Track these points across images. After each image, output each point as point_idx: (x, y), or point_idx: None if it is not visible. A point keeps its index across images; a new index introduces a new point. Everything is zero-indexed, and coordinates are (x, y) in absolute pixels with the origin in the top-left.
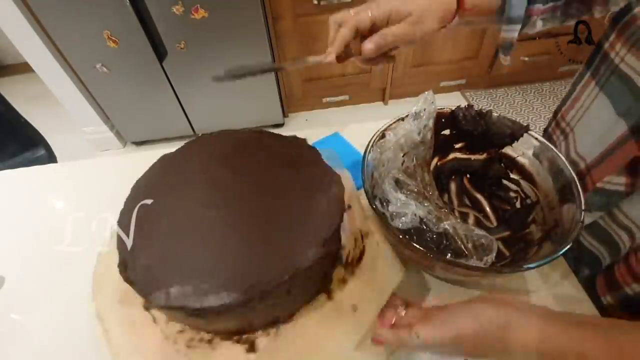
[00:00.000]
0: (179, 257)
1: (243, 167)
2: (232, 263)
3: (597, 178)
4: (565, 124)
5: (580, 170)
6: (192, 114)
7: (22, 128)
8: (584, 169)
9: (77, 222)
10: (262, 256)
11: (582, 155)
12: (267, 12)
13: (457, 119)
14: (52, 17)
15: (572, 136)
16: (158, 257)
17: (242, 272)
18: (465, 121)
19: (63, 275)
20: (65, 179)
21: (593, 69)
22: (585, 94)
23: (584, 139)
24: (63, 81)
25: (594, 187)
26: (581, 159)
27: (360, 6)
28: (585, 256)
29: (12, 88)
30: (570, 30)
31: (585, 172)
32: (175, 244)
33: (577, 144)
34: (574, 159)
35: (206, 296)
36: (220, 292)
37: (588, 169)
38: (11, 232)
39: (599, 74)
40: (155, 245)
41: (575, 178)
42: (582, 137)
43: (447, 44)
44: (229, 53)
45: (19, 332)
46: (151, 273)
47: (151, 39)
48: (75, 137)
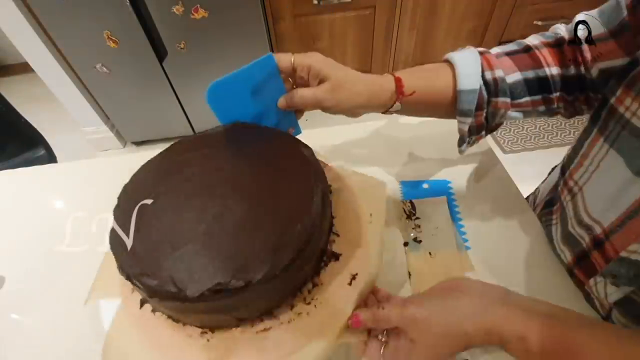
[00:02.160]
0: (178, 251)
1: (226, 162)
2: (226, 250)
3: (619, 246)
4: (574, 183)
5: (596, 235)
6: (192, 114)
7: (22, 128)
8: (601, 235)
9: (77, 222)
10: (253, 241)
11: (595, 219)
12: (267, 12)
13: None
14: (52, 17)
15: (580, 196)
16: (156, 258)
17: (236, 256)
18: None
19: (63, 275)
20: (65, 179)
21: (600, 124)
22: (594, 151)
23: (595, 200)
24: (63, 81)
25: (618, 256)
26: (596, 223)
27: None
28: None
29: (12, 88)
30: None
31: (604, 238)
32: (166, 240)
33: (588, 205)
34: (587, 223)
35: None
36: (216, 276)
37: (606, 235)
38: (11, 232)
39: (607, 130)
40: (147, 241)
41: None
42: (592, 198)
43: (447, 43)
44: (229, 53)
45: (19, 332)
46: (147, 262)
47: (151, 39)
48: (75, 137)
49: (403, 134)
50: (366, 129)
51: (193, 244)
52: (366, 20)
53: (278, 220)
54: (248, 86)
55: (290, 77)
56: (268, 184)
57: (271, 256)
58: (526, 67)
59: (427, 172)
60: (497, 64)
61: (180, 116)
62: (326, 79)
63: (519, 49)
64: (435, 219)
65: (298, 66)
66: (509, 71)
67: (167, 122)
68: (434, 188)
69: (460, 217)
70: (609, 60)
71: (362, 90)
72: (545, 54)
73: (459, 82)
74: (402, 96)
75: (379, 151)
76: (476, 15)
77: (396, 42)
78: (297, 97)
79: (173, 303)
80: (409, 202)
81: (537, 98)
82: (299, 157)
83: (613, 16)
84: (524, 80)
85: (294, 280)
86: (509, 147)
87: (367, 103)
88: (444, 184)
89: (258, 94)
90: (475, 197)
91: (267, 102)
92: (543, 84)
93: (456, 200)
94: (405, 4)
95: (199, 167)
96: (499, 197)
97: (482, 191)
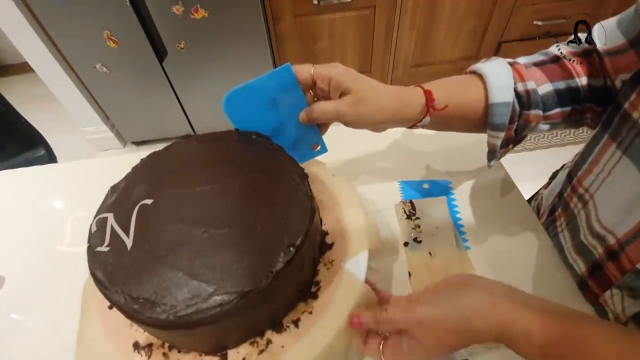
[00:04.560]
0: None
1: (218, 170)
2: (221, 264)
3: (635, 258)
4: (584, 190)
5: (610, 246)
6: (192, 114)
7: (22, 128)
8: (615, 246)
9: (77, 222)
10: (250, 254)
11: (608, 228)
12: (267, 12)
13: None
14: (52, 17)
15: (592, 204)
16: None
17: (233, 272)
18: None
19: (63, 275)
20: (65, 179)
21: (612, 130)
22: (605, 158)
23: (607, 208)
24: (63, 81)
25: (634, 268)
26: (609, 233)
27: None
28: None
29: (12, 88)
30: (571, 30)
31: (618, 249)
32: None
33: (600, 214)
34: (599, 233)
35: (210, 299)
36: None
37: (621, 245)
38: (11, 232)
39: (620, 136)
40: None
41: None
42: (605, 206)
43: (447, 43)
44: (229, 53)
45: (19, 332)
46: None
47: (151, 39)
48: (75, 137)
49: (403, 134)
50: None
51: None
52: (366, 20)
53: (269, 233)
54: (265, 97)
55: (311, 89)
56: (260, 196)
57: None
58: (557, 78)
59: (427, 172)
60: (528, 75)
61: (180, 116)
62: (348, 92)
63: (547, 59)
64: (435, 219)
65: (318, 78)
66: (540, 82)
67: (167, 122)
68: (434, 188)
69: (460, 217)
70: (628, 73)
71: (388, 104)
72: (574, 64)
73: (491, 95)
74: (433, 111)
75: (378, 151)
76: (476, 15)
77: (396, 42)
78: (318, 110)
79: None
80: (409, 202)
81: (567, 109)
82: (291, 169)
83: (631, 25)
84: (554, 91)
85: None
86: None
87: (392, 118)
88: (444, 184)
89: (277, 105)
90: (475, 197)
91: (286, 114)
92: (574, 95)
93: (456, 200)
94: (405, 4)
95: (189, 175)
96: (499, 197)
97: (482, 191)
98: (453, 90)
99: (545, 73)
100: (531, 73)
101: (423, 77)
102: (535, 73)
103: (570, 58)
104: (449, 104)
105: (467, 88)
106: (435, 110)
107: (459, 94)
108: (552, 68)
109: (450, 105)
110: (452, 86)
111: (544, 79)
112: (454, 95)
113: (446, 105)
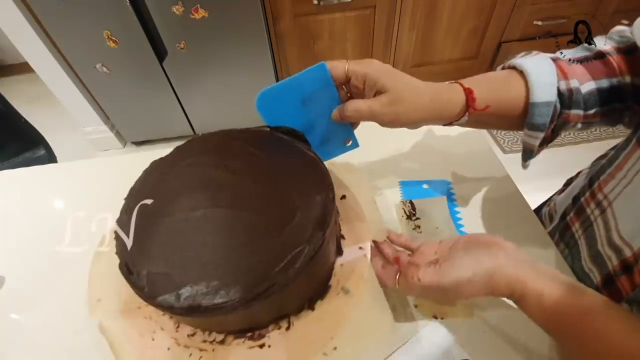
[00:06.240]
0: (183, 258)
1: (235, 167)
2: (237, 260)
3: None
4: (603, 196)
5: (625, 259)
6: (192, 114)
7: (22, 128)
8: (630, 258)
9: (77, 222)
10: (265, 251)
11: (626, 240)
12: (267, 12)
13: None
14: (52, 17)
15: (610, 212)
16: (162, 260)
17: (248, 268)
18: None
19: (63, 275)
20: (65, 179)
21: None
22: (629, 163)
23: (625, 218)
24: (63, 81)
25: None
26: (625, 245)
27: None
28: None
29: (12, 88)
30: (570, 30)
31: (633, 262)
32: (176, 246)
33: (620, 225)
34: (617, 244)
35: (217, 294)
36: (230, 289)
37: (636, 258)
38: (11, 232)
39: None
40: (156, 248)
41: None
42: (623, 216)
43: (447, 43)
44: (229, 53)
45: (19, 332)
46: (158, 276)
47: (151, 39)
48: (75, 137)
49: (403, 134)
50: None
51: (206, 257)
52: (366, 20)
53: (287, 230)
54: (298, 95)
55: (345, 85)
56: (272, 193)
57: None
58: (600, 76)
59: (427, 172)
60: (572, 73)
61: (180, 116)
62: (384, 91)
63: (591, 55)
64: (435, 219)
65: (352, 75)
66: (582, 80)
67: (167, 122)
68: (434, 188)
69: (460, 217)
70: None
71: (426, 103)
72: (618, 60)
73: (533, 94)
74: (473, 111)
75: (378, 151)
76: (476, 15)
77: (396, 42)
78: (351, 109)
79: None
80: (409, 202)
81: (606, 109)
82: (305, 165)
83: None
84: (597, 90)
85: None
86: (509, 147)
87: (430, 116)
88: (444, 184)
89: (309, 102)
90: (475, 197)
91: (318, 111)
92: (617, 94)
93: (456, 200)
94: (405, 4)
95: (206, 173)
96: (499, 197)
97: (482, 191)
98: (493, 88)
99: (588, 70)
100: (574, 70)
101: (423, 77)
102: (578, 70)
103: (614, 54)
104: (490, 104)
105: (508, 86)
106: (475, 111)
107: (499, 92)
108: (595, 65)
109: (492, 105)
110: (492, 84)
111: (587, 77)
112: (494, 93)
113: (488, 106)
